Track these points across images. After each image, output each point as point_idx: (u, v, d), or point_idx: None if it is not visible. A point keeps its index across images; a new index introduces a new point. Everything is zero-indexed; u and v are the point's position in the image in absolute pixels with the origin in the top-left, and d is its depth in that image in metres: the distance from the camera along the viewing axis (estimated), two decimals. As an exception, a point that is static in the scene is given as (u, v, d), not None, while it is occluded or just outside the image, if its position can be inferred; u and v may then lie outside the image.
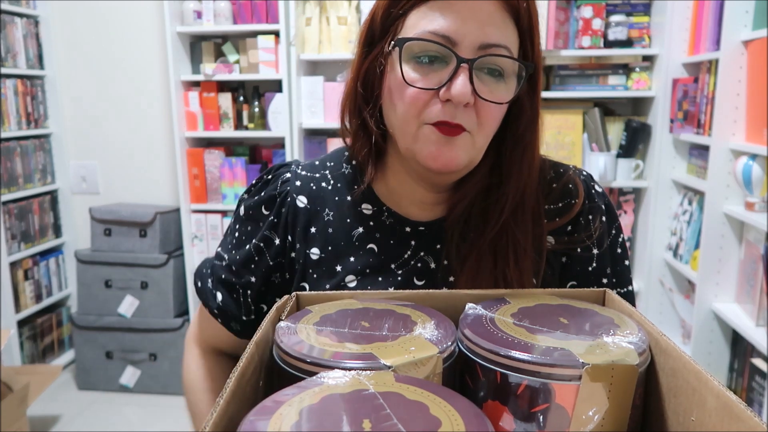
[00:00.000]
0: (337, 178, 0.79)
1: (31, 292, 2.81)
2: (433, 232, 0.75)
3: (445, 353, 0.47)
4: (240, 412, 0.39)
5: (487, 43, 0.63)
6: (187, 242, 2.78)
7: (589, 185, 0.78)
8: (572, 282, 0.76)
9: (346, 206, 0.77)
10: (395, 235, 0.75)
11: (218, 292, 0.80)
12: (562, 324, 0.50)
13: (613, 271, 0.78)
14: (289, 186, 0.78)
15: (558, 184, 0.77)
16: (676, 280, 2.58)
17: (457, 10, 0.63)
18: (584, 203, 0.76)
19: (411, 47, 0.64)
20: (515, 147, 0.72)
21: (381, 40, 0.69)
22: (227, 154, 2.83)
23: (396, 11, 0.67)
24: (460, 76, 0.63)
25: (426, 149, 0.66)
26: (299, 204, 0.77)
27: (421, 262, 0.75)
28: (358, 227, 0.76)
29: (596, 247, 0.76)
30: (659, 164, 2.55)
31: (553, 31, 2.48)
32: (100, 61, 2.90)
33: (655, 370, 0.48)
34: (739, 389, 2.10)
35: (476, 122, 0.66)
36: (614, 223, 0.79)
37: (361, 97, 0.72)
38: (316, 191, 0.78)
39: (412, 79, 0.65)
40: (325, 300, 0.59)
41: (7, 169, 2.67)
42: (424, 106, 0.65)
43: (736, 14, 1.99)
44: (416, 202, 0.76)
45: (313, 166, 0.81)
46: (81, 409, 2.65)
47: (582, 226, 0.76)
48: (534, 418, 0.44)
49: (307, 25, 2.61)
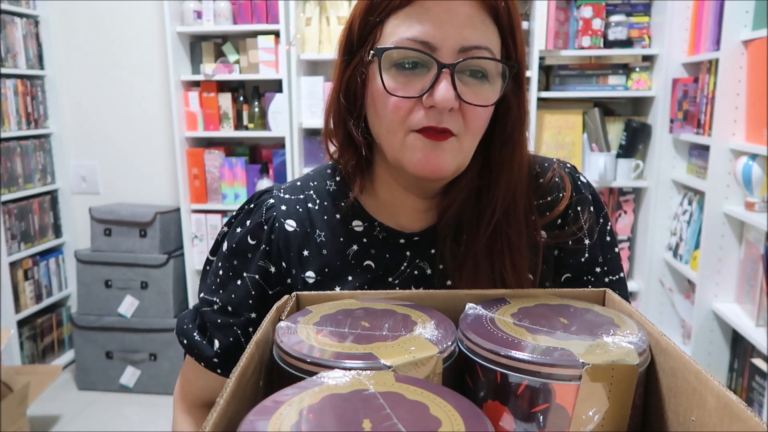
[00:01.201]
0: (322, 197, 0.77)
1: (31, 292, 2.81)
2: (427, 239, 0.75)
3: (445, 353, 0.47)
4: (240, 412, 0.39)
5: (467, 45, 0.62)
6: (187, 242, 2.78)
7: (575, 177, 0.78)
8: (567, 274, 0.76)
9: (337, 225, 0.75)
10: (390, 249, 0.74)
11: (215, 339, 0.76)
12: (562, 324, 0.50)
13: (604, 259, 0.78)
14: (275, 211, 0.75)
15: (544, 178, 0.76)
16: (676, 280, 2.58)
17: (434, 15, 0.62)
18: (572, 195, 0.76)
19: (390, 55, 0.64)
20: (504, 147, 0.71)
21: (360, 48, 0.68)
22: (227, 154, 2.83)
23: (373, 19, 0.66)
24: (442, 82, 0.62)
25: (413, 157, 0.65)
26: (288, 228, 0.75)
27: (417, 270, 0.74)
28: (352, 245, 0.74)
29: (587, 238, 0.76)
30: (659, 164, 2.55)
31: (553, 31, 2.48)
32: (100, 61, 2.90)
33: (655, 370, 0.48)
34: (739, 389, 2.10)
35: (463, 125, 0.65)
36: (602, 212, 0.79)
37: (344, 108, 0.71)
38: (304, 213, 0.76)
39: (393, 88, 0.64)
40: (325, 300, 0.59)
41: (7, 169, 2.67)
42: (408, 114, 0.64)
43: (736, 14, 1.99)
44: (407, 210, 0.75)
45: (295, 188, 0.78)
46: (81, 409, 2.65)
47: (571, 218, 0.76)
48: (534, 418, 0.44)
49: (307, 25, 2.61)
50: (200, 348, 0.77)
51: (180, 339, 0.79)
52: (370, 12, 0.66)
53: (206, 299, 0.77)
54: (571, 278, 0.76)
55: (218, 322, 0.76)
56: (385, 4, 0.64)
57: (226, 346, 0.75)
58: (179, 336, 0.79)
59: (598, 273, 0.77)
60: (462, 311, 0.53)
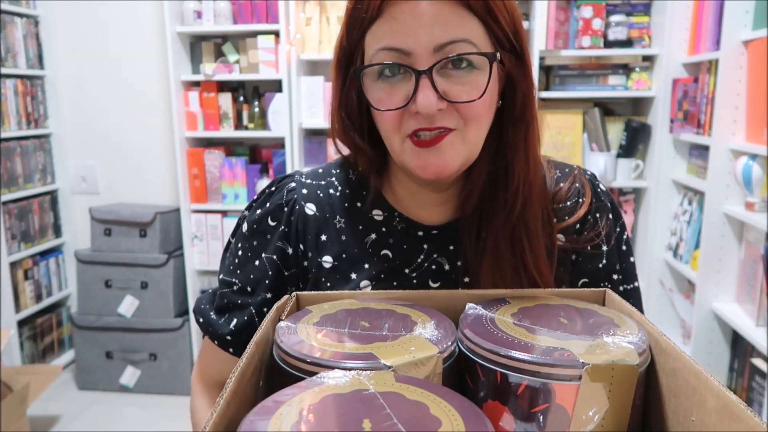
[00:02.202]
0: (344, 185, 0.78)
1: (31, 292, 2.81)
2: (446, 234, 0.75)
3: (445, 353, 0.47)
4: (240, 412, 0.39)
5: (440, 43, 0.62)
6: (187, 242, 2.78)
7: (595, 184, 0.79)
8: (584, 279, 0.77)
9: (357, 212, 0.76)
10: (408, 240, 0.75)
11: (234, 319, 0.77)
12: (562, 324, 0.50)
13: (620, 267, 0.78)
14: (296, 194, 0.77)
15: (565, 183, 0.77)
16: (676, 280, 2.58)
17: (402, 21, 0.62)
18: (591, 202, 0.76)
19: (371, 71, 0.65)
20: (516, 127, 0.70)
21: (351, 64, 0.69)
22: (227, 154, 2.83)
23: (355, 37, 0.67)
24: (422, 89, 0.62)
25: (413, 161, 0.66)
26: (308, 212, 0.76)
27: (435, 264, 0.75)
28: (370, 233, 0.75)
29: (605, 244, 0.76)
30: (659, 164, 2.55)
31: (553, 31, 2.48)
32: (100, 61, 2.90)
33: (655, 370, 0.48)
34: (739, 389, 2.10)
35: (460, 119, 0.65)
36: (619, 221, 0.79)
37: (347, 121, 0.72)
38: (324, 198, 0.77)
39: (379, 102, 0.65)
40: (325, 300, 0.59)
41: (7, 169, 2.67)
42: (400, 121, 0.65)
43: (736, 14, 1.99)
44: (424, 205, 0.76)
45: (317, 174, 0.80)
46: (81, 409, 2.65)
47: (590, 225, 0.76)
48: (534, 418, 0.44)
49: (307, 25, 2.61)
50: (215, 326, 0.78)
51: (197, 318, 0.80)
52: (351, 30, 0.67)
53: (225, 280, 0.78)
54: (588, 284, 0.77)
55: (238, 303, 0.77)
56: (359, 21, 0.65)
57: (242, 325, 0.77)
58: (196, 315, 0.80)
59: (615, 280, 0.77)
60: (462, 311, 0.53)
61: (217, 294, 0.80)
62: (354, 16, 0.66)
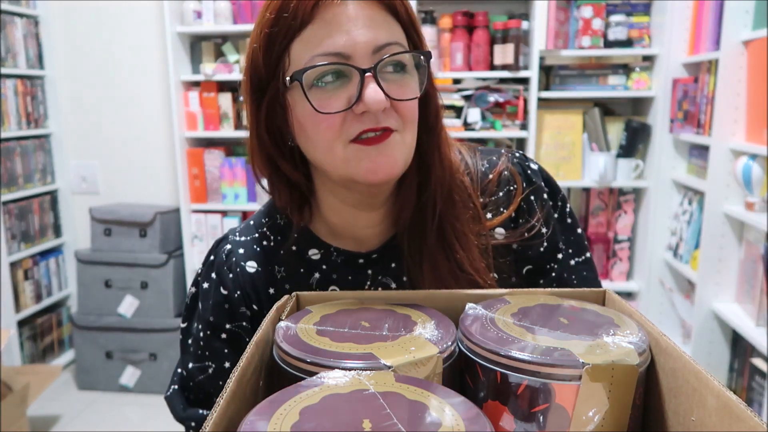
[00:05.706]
0: (275, 233, 0.77)
1: (31, 292, 2.81)
2: (386, 254, 0.75)
3: (445, 353, 0.47)
4: (240, 412, 0.39)
5: (379, 44, 0.62)
6: (187, 242, 2.78)
7: (524, 166, 0.78)
8: (528, 266, 0.77)
9: (294, 257, 0.75)
10: (350, 271, 0.75)
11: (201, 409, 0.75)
12: (562, 324, 0.50)
13: (568, 241, 0.78)
14: (234, 256, 0.75)
15: (492, 174, 0.76)
16: (676, 280, 2.58)
17: (337, 25, 0.62)
18: (523, 187, 0.76)
19: (309, 76, 0.62)
20: (430, 136, 0.71)
21: (272, 81, 0.66)
22: (227, 154, 2.83)
23: (278, 48, 0.64)
24: (369, 86, 0.62)
25: (362, 166, 0.64)
26: (249, 270, 0.75)
27: (382, 286, 0.75)
28: (314, 273, 0.75)
29: (544, 227, 0.76)
30: (659, 164, 2.55)
31: (553, 31, 2.48)
32: (100, 61, 2.90)
33: (655, 370, 0.48)
34: (739, 389, 2.10)
35: (400, 121, 0.65)
36: (558, 195, 0.79)
37: (268, 146, 0.70)
38: (261, 252, 0.76)
39: (322, 106, 0.63)
40: (325, 300, 0.59)
41: (7, 169, 2.67)
42: (341, 127, 0.64)
43: (736, 14, 1.99)
44: (361, 229, 0.75)
45: (249, 228, 0.78)
46: (81, 409, 2.65)
47: (526, 211, 0.76)
48: (534, 418, 0.44)
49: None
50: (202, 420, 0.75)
51: (186, 425, 0.75)
52: (272, 42, 0.64)
53: (197, 367, 0.76)
54: (533, 270, 0.77)
55: (219, 384, 0.74)
56: (285, 29, 0.63)
57: None
58: (183, 422, 0.76)
59: (560, 259, 0.77)
60: (462, 311, 0.53)
61: (194, 385, 0.76)
62: (276, 26, 0.63)
